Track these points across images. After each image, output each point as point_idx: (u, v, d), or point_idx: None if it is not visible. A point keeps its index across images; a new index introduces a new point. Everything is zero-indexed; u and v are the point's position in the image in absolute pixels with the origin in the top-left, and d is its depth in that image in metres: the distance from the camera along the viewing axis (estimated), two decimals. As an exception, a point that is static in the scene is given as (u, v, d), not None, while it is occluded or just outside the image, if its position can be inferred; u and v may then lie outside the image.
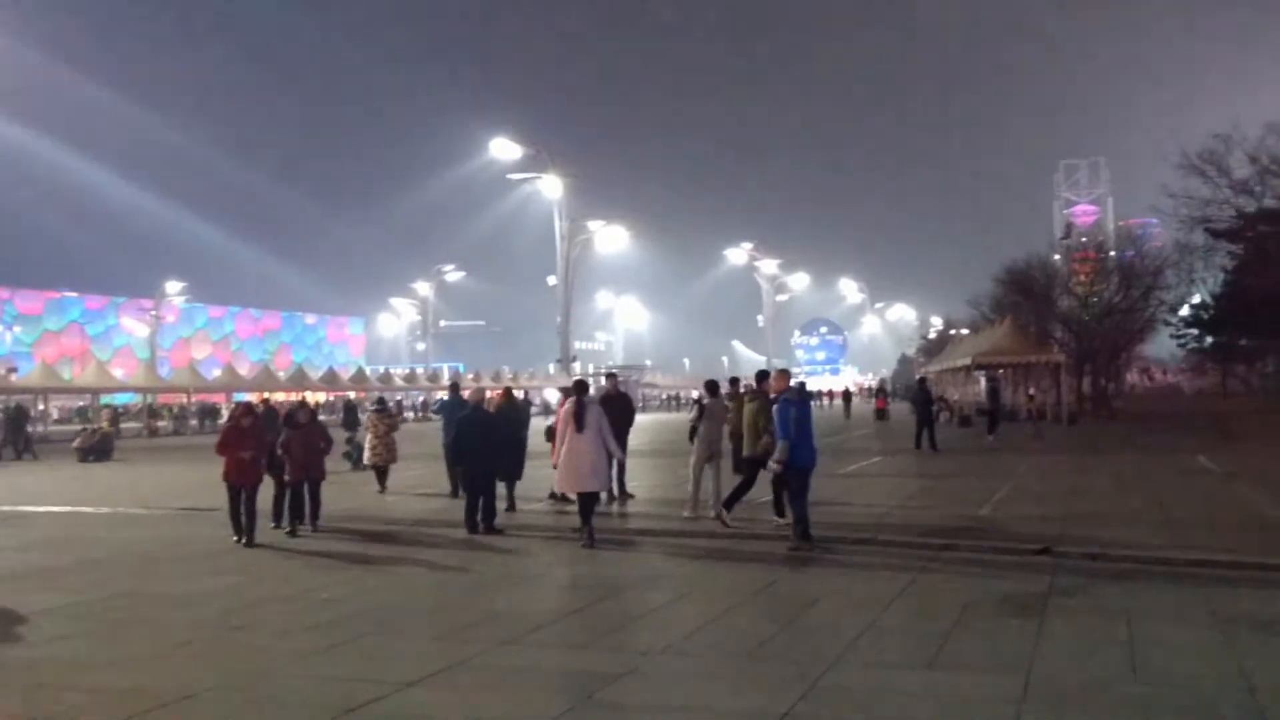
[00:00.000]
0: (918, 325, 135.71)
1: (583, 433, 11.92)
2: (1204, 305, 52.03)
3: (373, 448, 18.68)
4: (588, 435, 11.94)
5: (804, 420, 11.31)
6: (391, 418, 19.61)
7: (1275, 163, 30.55)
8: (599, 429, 12.05)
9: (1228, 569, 9.42)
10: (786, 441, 11.12)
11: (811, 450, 11.47)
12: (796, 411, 11.22)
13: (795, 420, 11.15)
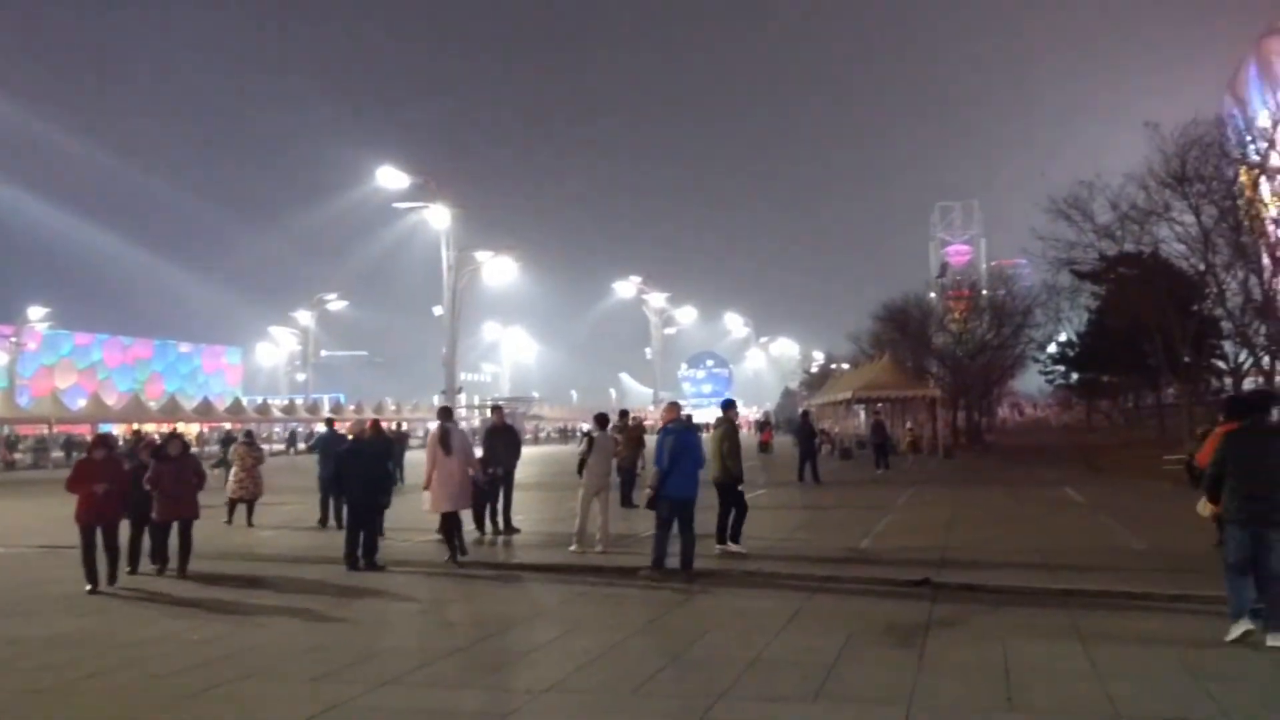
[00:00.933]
0: (800, 359, 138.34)
1: (450, 456, 12.97)
2: (1070, 343, 54.40)
3: (239, 480, 18.25)
4: (455, 459, 13.03)
5: (680, 452, 11.41)
6: (259, 450, 19.22)
7: (1134, 209, 32.21)
8: (465, 453, 13.24)
9: (1095, 598, 9.78)
10: (658, 469, 11.48)
11: (687, 482, 11.54)
12: (674, 441, 11.39)
13: (670, 450, 11.34)
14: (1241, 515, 7.96)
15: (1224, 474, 8.19)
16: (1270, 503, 7.80)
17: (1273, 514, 7.79)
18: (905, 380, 43.74)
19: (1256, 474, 7.93)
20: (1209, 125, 31.84)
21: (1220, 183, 31.12)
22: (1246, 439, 8.18)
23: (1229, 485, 8.13)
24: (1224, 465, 8.21)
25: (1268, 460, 7.90)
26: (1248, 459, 8.03)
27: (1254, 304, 31.40)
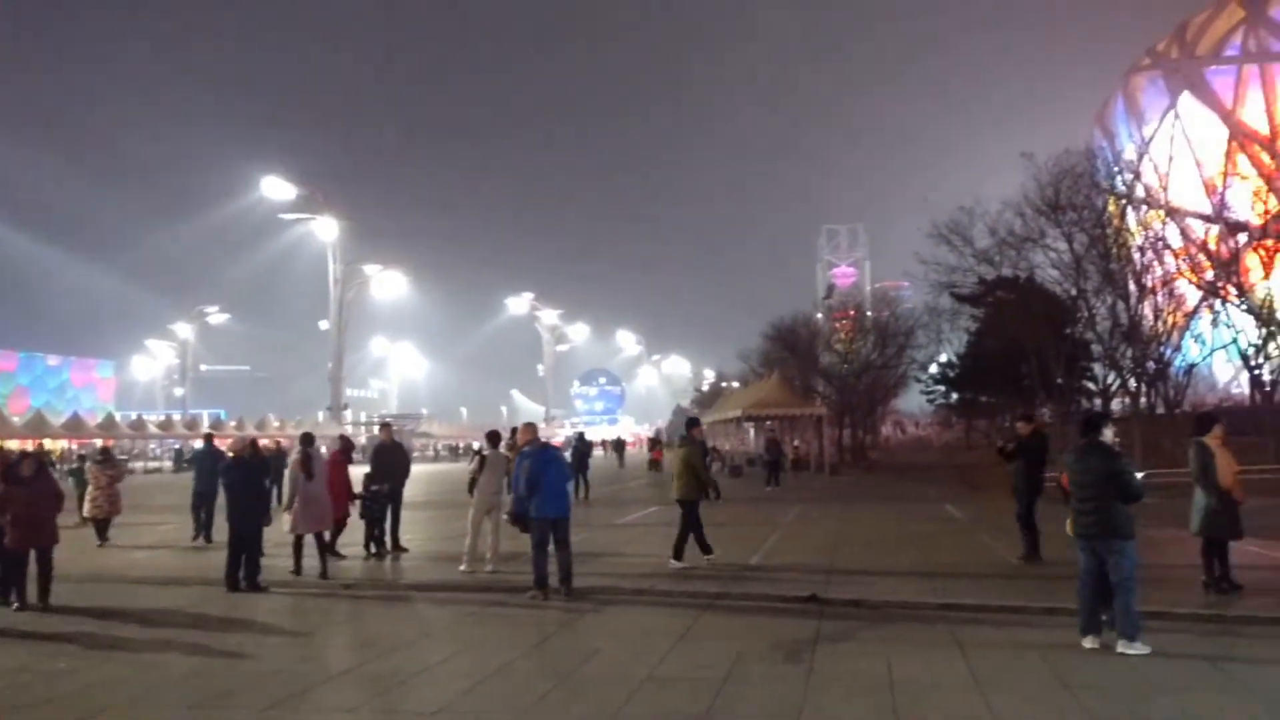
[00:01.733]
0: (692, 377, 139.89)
1: (312, 480, 13.34)
2: (950, 364, 56.07)
3: (93, 499, 17.63)
4: (317, 481, 13.45)
5: (539, 473, 11.46)
6: (115, 468, 18.63)
7: (1011, 235, 33.44)
8: (325, 476, 13.81)
9: (974, 611, 10.08)
10: (516, 494, 11.68)
11: (555, 501, 11.57)
12: (530, 465, 11.51)
13: (528, 474, 11.45)
14: (1079, 528, 8.48)
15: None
16: (1098, 514, 8.28)
17: (1099, 525, 8.27)
18: (793, 398, 44.53)
19: (1084, 488, 8.42)
20: (1080, 156, 33.34)
21: (1091, 211, 32.56)
22: (1076, 456, 8.70)
23: (1071, 500, 8.62)
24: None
25: (1087, 476, 8.41)
26: (1076, 474, 8.55)
27: (1121, 328, 32.88)
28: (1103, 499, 8.32)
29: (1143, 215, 34.39)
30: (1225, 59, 58.18)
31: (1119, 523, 8.29)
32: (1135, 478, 8.34)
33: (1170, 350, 33.75)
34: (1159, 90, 62.38)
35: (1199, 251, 33.56)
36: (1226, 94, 56.51)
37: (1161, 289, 33.02)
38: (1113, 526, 8.28)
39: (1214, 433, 11.00)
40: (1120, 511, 8.30)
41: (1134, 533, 8.35)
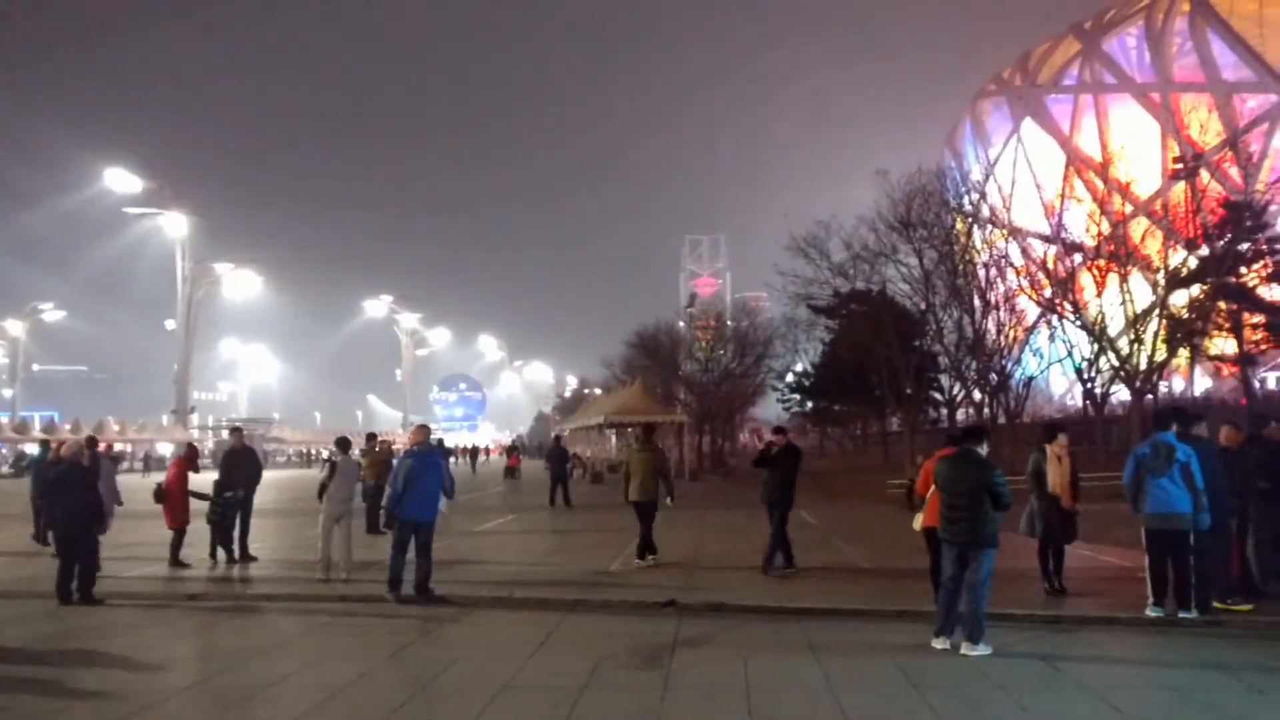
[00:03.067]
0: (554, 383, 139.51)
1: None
2: (806, 373, 57.54)
3: None
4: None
5: (416, 475, 11.39)
6: None
7: (865, 250, 34.62)
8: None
9: (827, 614, 10.35)
10: (392, 491, 11.61)
11: (424, 504, 11.54)
12: (411, 464, 11.50)
13: (406, 474, 11.43)
14: (947, 535, 8.77)
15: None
16: (970, 522, 8.60)
17: (971, 533, 8.60)
18: (655, 406, 44.92)
19: (956, 496, 8.74)
20: (930, 176, 34.79)
21: (940, 229, 33.97)
22: (951, 465, 9.01)
23: (941, 508, 8.92)
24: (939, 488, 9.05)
25: (961, 485, 8.73)
26: (950, 483, 8.86)
27: (966, 341, 34.37)
28: (975, 507, 8.62)
29: (987, 234, 36.05)
30: (1063, 88, 61.54)
31: (990, 530, 8.65)
32: (1006, 487, 8.73)
33: (1011, 363, 35.44)
34: (1003, 115, 65.51)
35: (1038, 270, 35.32)
36: (1064, 121, 59.75)
37: (1004, 305, 34.66)
38: (984, 534, 8.62)
39: (1058, 441, 11.58)
40: (991, 520, 8.65)
41: (999, 541, 8.74)
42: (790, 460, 13.67)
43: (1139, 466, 9.84)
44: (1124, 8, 60.77)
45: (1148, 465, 9.76)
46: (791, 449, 13.96)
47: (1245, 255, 30.81)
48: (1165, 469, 9.63)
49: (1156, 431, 10.14)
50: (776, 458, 13.53)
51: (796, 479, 13.77)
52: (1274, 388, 37.46)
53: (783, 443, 13.86)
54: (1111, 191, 35.51)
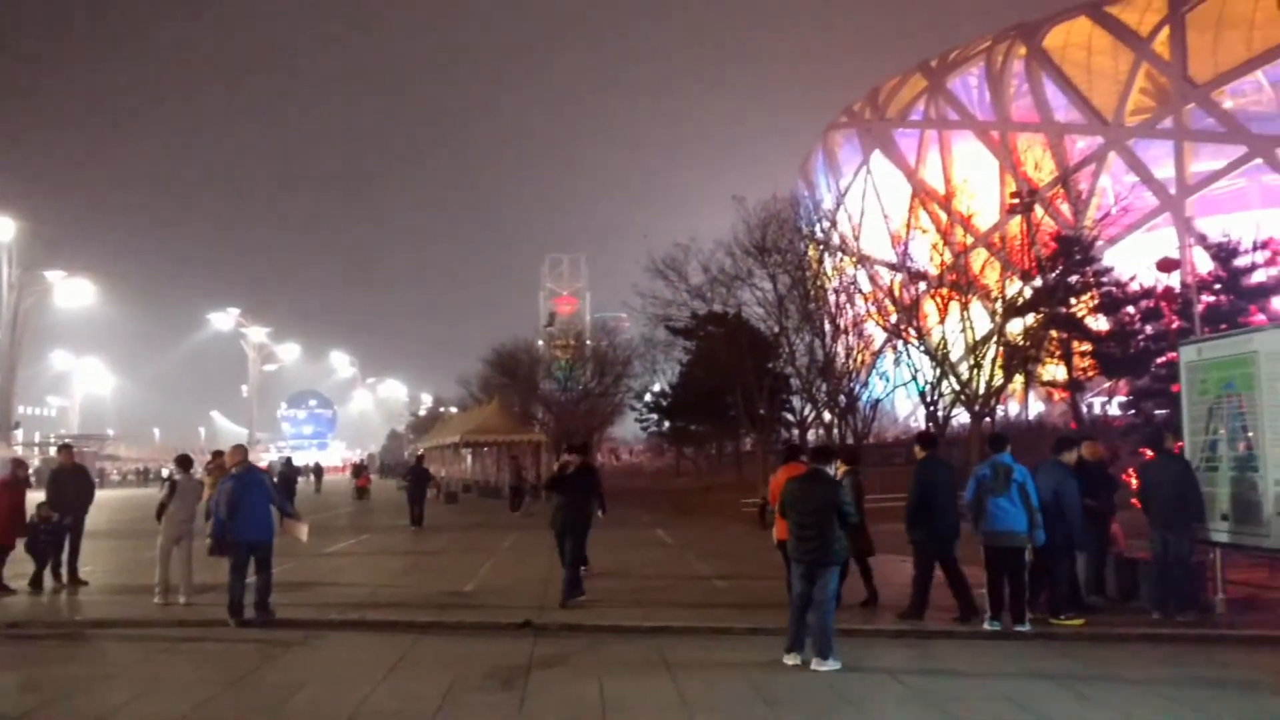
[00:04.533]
0: (409, 401, 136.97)
1: None
2: (663, 393, 58.06)
3: None
4: None
5: (240, 496, 11.06)
6: None
7: (722, 273, 35.24)
8: None
9: (681, 633, 10.45)
10: (216, 518, 11.18)
11: (257, 524, 11.18)
12: (233, 487, 11.14)
13: (229, 497, 11.06)
14: (797, 553, 8.99)
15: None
16: (819, 540, 8.84)
17: (820, 551, 8.84)
18: (513, 425, 44.63)
19: (805, 515, 8.97)
20: (785, 203, 35.70)
21: (793, 255, 34.87)
22: (801, 485, 9.26)
23: (790, 526, 9.15)
24: (783, 506, 9.34)
25: (810, 504, 8.96)
26: (800, 502, 9.08)
27: (817, 364, 35.33)
28: (824, 526, 8.86)
29: (838, 261, 37.19)
30: (910, 123, 64.14)
31: (837, 548, 8.91)
32: (852, 506, 9.00)
33: (859, 386, 36.61)
34: (854, 147, 67.85)
35: (885, 296, 36.62)
36: (911, 154, 62.28)
37: (853, 329, 35.79)
38: (832, 553, 8.87)
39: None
40: (839, 538, 8.91)
41: (845, 558, 9.03)
42: (585, 481, 12.89)
43: (980, 486, 10.31)
44: (966, 49, 63.82)
45: (988, 485, 10.24)
46: (587, 469, 13.30)
47: (1075, 287, 32.54)
48: (1004, 489, 10.13)
49: (994, 453, 10.65)
50: (570, 479, 12.70)
51: (592, 503, 13.01)
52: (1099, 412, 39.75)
53: (578, 462, 13.00)
54: (954, 223, 37.13)
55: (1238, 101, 53.59)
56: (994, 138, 56.84)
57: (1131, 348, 30.49)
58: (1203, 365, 11.44)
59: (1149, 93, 54.89)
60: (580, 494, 12.74)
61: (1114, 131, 52.56)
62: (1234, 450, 10.76)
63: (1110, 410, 37.92)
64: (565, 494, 12.66)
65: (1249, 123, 50.70)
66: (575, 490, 12.68)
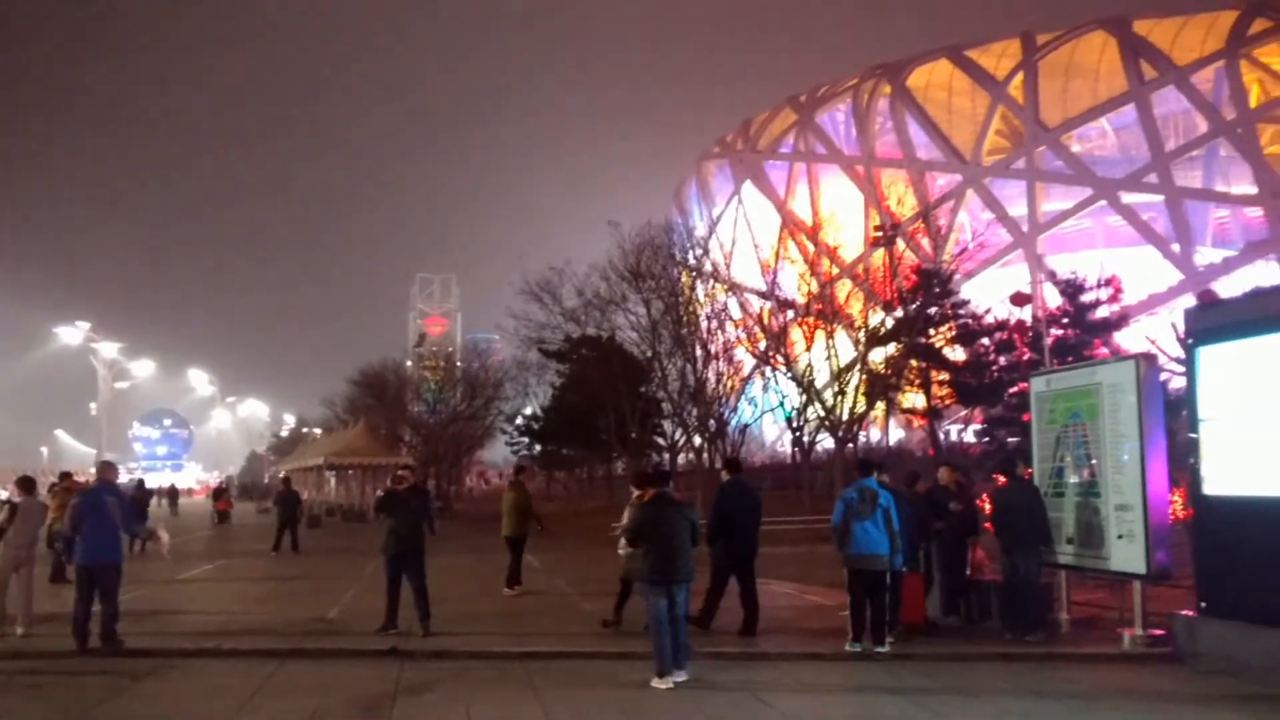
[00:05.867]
0: (270, 422, 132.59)
1: None
2: (535, 416, 57.82)
3: None
4: None
5: (83, 516, 10.63)
6: None
7: (597, 297, 35.44)
8: None
9: (551, 658, 10.39)
10: (64, 537, 11.08)
11: (101, 546, 10.64)
12: (78, 504, 10.81)
13: (73, 514, 10.72)
14: (653, 575, 9.18)
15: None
16: (671, 562, 9.09)
17: (673, 572, 9.08)
18: (379, 447, 43.77)
19: (657, 538, 9.21)
20: (659, 230, 36.17)
21: (666, 281, 35.32)
22: (656, 508, 9.47)
23: (643, 549, 9.37)
24: (638, 530, 9.53)
25: (663, 526, 9.21)
26: (661, 524, 9.29)
27: (688, 389, 35.78)
28: (686, 548, 9.17)
29: (710, 288, 37.81)
30: (780, 155, 65.77)
31: (691, 568, 9.24)
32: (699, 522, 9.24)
33: (729, 411, 37.21)
34: (726, 177, 69.18)
35: (755, 324, 37.42)
36: (780, 185, 63.82)
37: (723, 355, 36.40)
38: (689, 571, 9.19)
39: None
40: (691, 558, 9.22)
41: (692, 577, 9.25)
42: (420, 502, 12.34)
43: (847, 509, 10.58)
44: (834, 86, 65.89)
45: (855, 509, 10.52)
46: (419, 490, 12.86)
47: (934, 318, 33.83)
48: (870, 513, 10.44)
49: (862, 477, 10.97)
50: (404, 498, 11.96)
51: (424, 525, 12.24)
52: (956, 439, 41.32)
53: (412, 480, 12.48)
54: (820, 254, 38.27)
55: (1084, 146, 56.84)
56: (859, 172, 58.77)
57: (986, 378, 31.77)
58: (1051, 396, 12.04)
59: (1004, 134, 57.73)
60: (415, 516, 11.95)
61: (972, 170, 54.99)
62: (1079, 477, 11.34)
63: (966, 437, 39.42)
64: (398, 516, 11.81)
65: (1094, 166, 53.82)
66: (409, 512, 11.89)
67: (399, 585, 11.64)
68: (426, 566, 11.91)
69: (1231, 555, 9.49)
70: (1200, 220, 52.03)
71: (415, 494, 12.23)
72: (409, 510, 11.87)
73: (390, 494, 12.27)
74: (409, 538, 11.74)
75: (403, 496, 11.91)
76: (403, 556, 11.66)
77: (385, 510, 12.11)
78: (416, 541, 11.82)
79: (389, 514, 11.95)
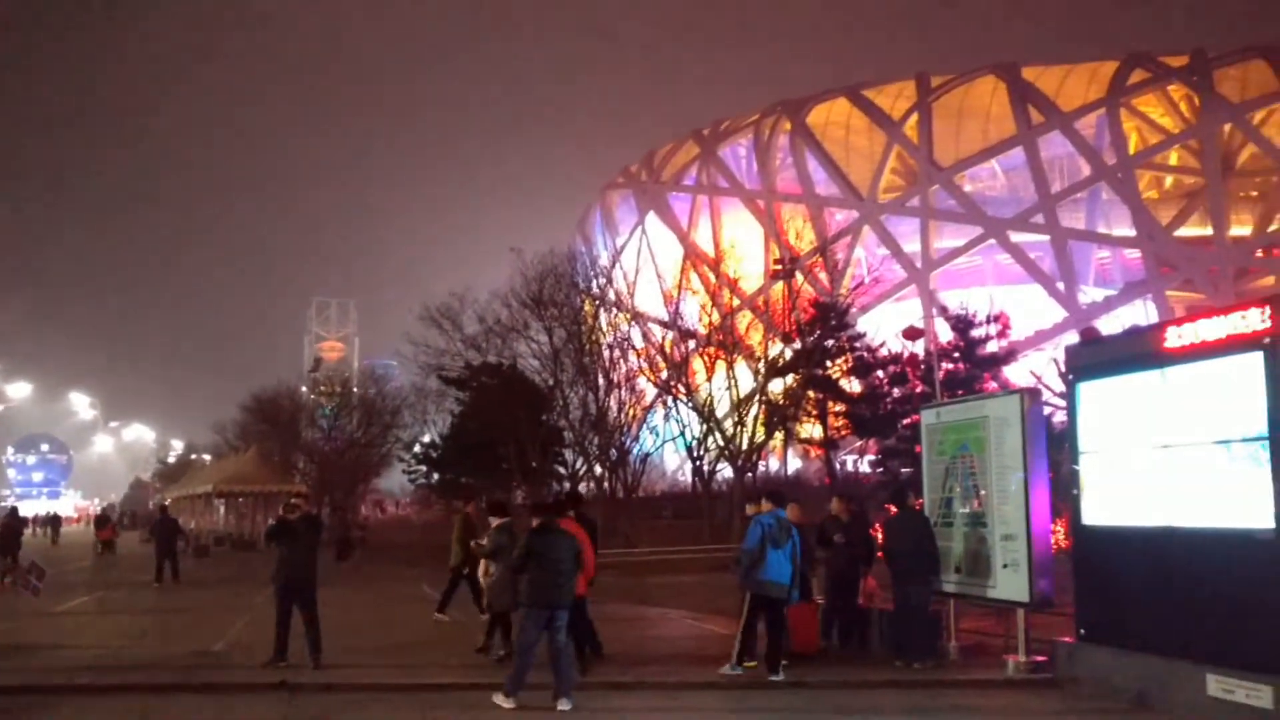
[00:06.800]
0: (157, 448, 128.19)
1: None
2: (433, 444, 57.02)
3: None
4: None
5: None
6: None
7: (498, 324, 35.30)
8: None
9: (445, 690, 10.24)
10: None
11: None
12: None
13: None
14: (535, 598, 9.39)
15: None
16: (556, 588, 9.37)
17: (558, 598, 9.36)
18: (271, 474, 42.64)
19: (543, 563, 9.47)
20: (562, 258, 36.26)
21: (569, 309, 35.38)
22: (548, 536, 9.70)
23: (528, 573, 9.59)
24: (526, 556, 9.69)
25: (550, 553, 9.48)
26: (551, 549, 9.54)
27: (590, 418, 35.79)
28: (571, 574, 9.49)
29: (613, 317, 37.97)
30: (683, 187, 66.49)
31: (573, 594, 9.67)
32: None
33: (630, 440, 37.31)
34: (630, 207, 69.63)
35: (657, 353, 37.66)
36: (684, 217, 64.45)
37: (625, 384, 36.54)
38: (571, 598, 9.58)
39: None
40: (574, 585, 9.64)
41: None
42: (313, 533, 12.00)
43: (764, 534, 10.66)
44: (737, 120, 67.00)
45: (771, 535, 10.63)
46: (310, 519, 12.48)
47: (831, 351, 34.51)
48: (784, 542, 10.61)
49: (774, 507, 11.10)
50: (296, 527, 11.61)
51: (316, 555, 11.88)
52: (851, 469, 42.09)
53: (305, 509, 12.31)
54: (722, 286, 38.76)
55: (976, 186, 58.84)
56: (760, 206, 59.75)
57: (881, 409, 32.47)
58: (941, 428, 12.39)
59: (900, 173, 59.43)
60: (306, 546, 11.62)
61: (868, 207, 56.38)
62: (967, 507, 11.66)
63: (862, 468, 40.19)
64: (289, 546, 11.44)
65: (985, 206, 55.68)
66: (301, 541, 11.55)
67: (289, 616, 11.33)
68: (319, 596, 11.62)
69: (1107, 583, 9.87)
70: (1084, 260, 54.18)
71: (307, 523, 11.93)
72: (301, 539, 11.56)
73: (282, 522, 11.90)
74: (301, 567, 11.44)
75: (294, 525, 11.59)
76: (294, 586, 11.37)
77: (276, 539, 11.74)
78: (308, 571, 11.53)
79: (280, 543, 11.60)
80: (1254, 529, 8.17)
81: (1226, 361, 8.58)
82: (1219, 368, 8.65)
